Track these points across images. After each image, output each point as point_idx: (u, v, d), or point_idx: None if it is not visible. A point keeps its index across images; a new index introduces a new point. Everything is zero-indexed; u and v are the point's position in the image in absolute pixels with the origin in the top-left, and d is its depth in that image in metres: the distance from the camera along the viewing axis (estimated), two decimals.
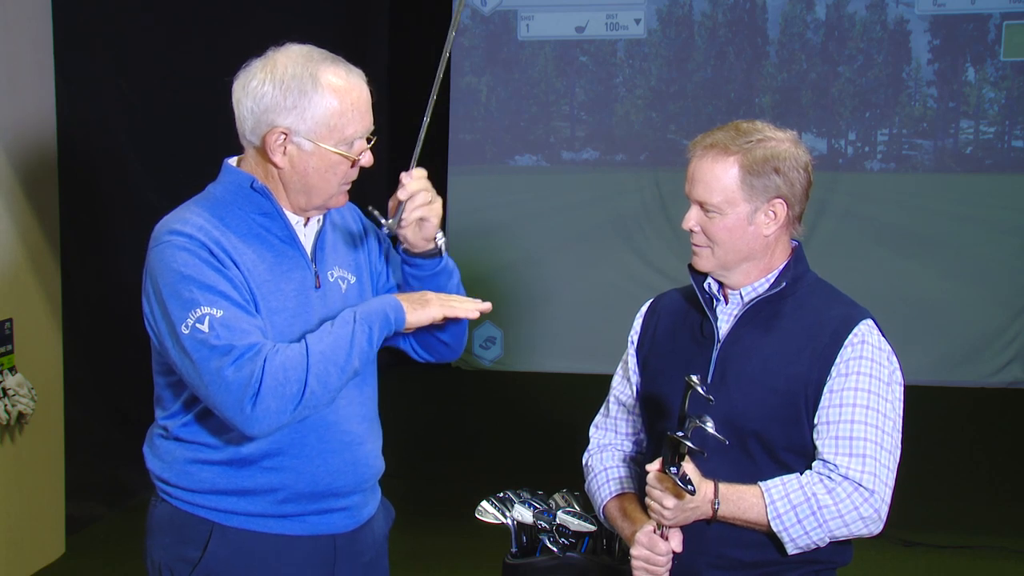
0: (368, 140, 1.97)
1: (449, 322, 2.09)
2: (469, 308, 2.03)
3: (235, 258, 1.89)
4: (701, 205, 2.01)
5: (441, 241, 2.07)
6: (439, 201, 2.02)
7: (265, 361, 1.82)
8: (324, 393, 1.87)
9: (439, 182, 6.73)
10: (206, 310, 1.82)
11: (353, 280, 2.07)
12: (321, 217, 2.04)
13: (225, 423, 1.88)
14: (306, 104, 1.89)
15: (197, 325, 1.81)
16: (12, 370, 3.71)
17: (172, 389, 1.98)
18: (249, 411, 1.81)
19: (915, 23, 6.58)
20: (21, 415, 3.71)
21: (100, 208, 4.50)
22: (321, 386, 1.86)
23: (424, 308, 1.99)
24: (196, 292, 1.83)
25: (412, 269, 2.09)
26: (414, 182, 1.99)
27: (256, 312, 1.89)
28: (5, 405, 3.65)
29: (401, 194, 1.99)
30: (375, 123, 1.98)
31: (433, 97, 2.00)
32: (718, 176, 1.98)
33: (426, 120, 2.00)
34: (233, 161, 2.02)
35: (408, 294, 2.04)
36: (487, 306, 2.05)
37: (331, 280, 2.03)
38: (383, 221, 2.03)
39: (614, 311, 5.67)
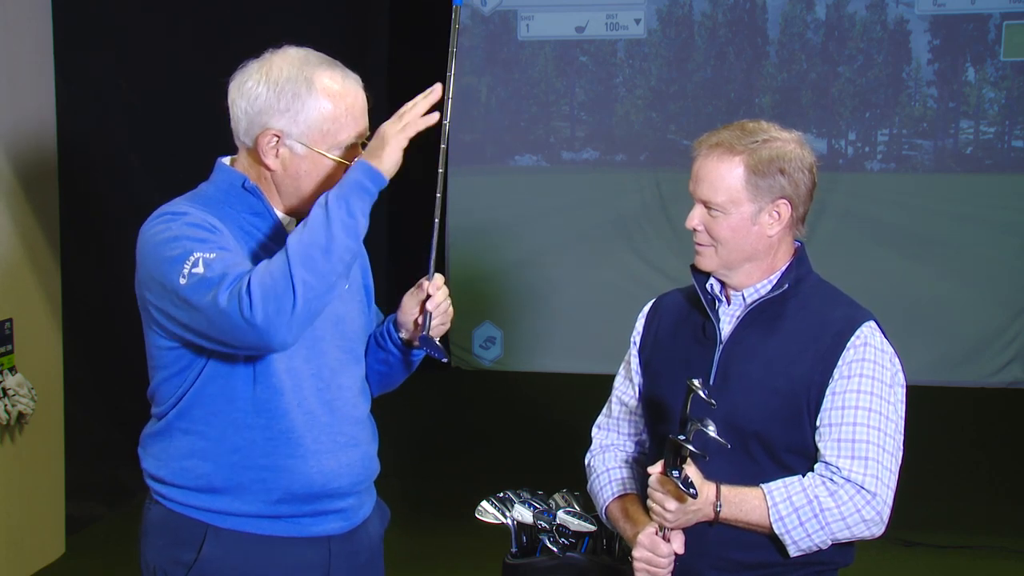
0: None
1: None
2: (421, 110, 1.91)
3: (230, 241, 1.90)
4: (705, 204, 2.01)
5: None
6: (449, 303, 2.07)
7: (250, 276, 1.78)
8: (319, 280, 1.80)
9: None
10: (198, 255, 1.81)
11: (347, 286, 2.06)
12: None
13: (253, 349, 1.84)
14: (299, 107, 1.88)
15: (193, 270, 1.80)
16: (12, 370, 3.71)
17: (166, 385, 1.97)
18: (256, 323, 1.76)
19: (915, 23, 6.58)
20: (21, 415, 3.71)
21: (100, 208, 4.49)
22: (311, 273, 1.79)
23: (385, 148, 1.89)
24: (186, 243, 1.82)
25: (399, 353, 2.13)
26: (440, 292, 2.04)
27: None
28: (5, 405, 3.65)
29: (430, 305, 2.03)
30: (372, 126, 1.97)
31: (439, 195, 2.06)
32: (723, 175, 1.98)
33: (436, 226, 2.03)
34: (227, 160, 2.02)
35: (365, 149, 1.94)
36: (435, 90, 1.93)
37: None
38: (423, 336, 2.05)
39: (614, 311, 5.66)
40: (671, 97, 6.89)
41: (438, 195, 2.07)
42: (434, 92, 1.94)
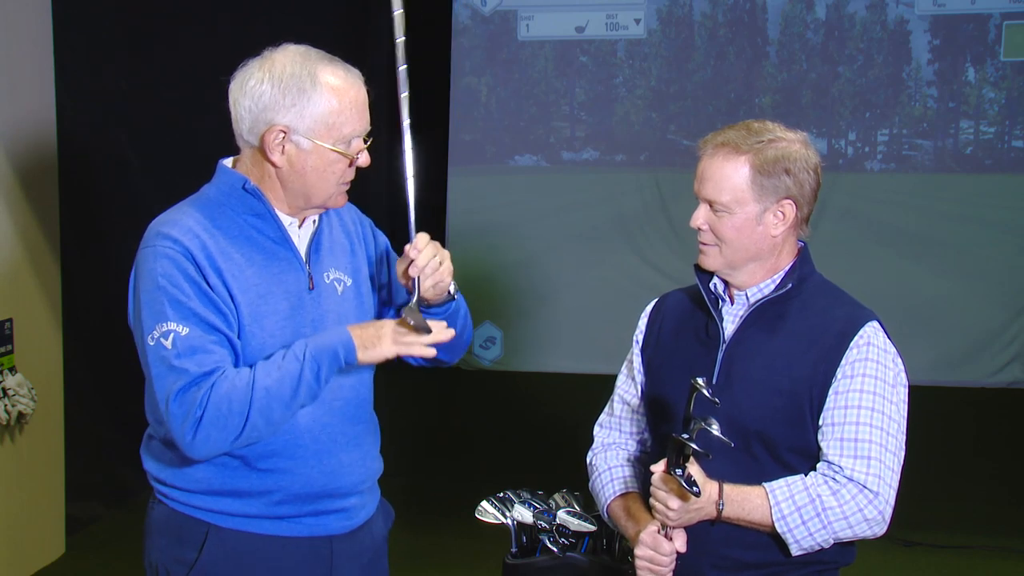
0: (365, 140, 1.97)
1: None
2: (423, 348, 1.94)
3: (220, 264, 1.89)
4: (710, 204, 2.01)
5: (453, 288, 2.05)
6: (448, 257, 2.00)
7: (212, 389, 1.83)
8: (267, 426, 1.89)
9: (439, 182, 6.78)
10: (172, 326, 1.84)
11: (350, 283, 2.07)
12: (317, 218, 2.04)
13: (172, 440, 1.90)
14: (305, 102, 1.89)
15: (162, 340, 1.84)
16: (12, 370, 3.71)
17: None
18: (190, 438, 1.84)
19: (915, 23, 6.57)
20: (21, 415, 3.71)
21: (100, 208, 4.49)
22: (264, 420, 1.87)
23: (376, 347, 1.94)
24: (167, 306, 1.84)
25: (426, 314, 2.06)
26: (422, 256, 1.96)
27: (230, 328, 1.89)
28: (5, 405, 3.65)
29: (413, 271, 1.98)
30: (373, 123, 1.98)
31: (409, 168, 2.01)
32: (728, 175, 1.98)
33: (410, 186, 1.98)
34: (228, 162, 2.02)
35: (364, 326, 1.96)
36: (447, 335, 1.96)
37: (327, 282, 2.03)
38: (410, 304, 1.98)
39: (614, 311, 5.66)
40: (671, 97, 6.88)
41: (406, 129, 1.98)
42: (442, 335, 1.95)
